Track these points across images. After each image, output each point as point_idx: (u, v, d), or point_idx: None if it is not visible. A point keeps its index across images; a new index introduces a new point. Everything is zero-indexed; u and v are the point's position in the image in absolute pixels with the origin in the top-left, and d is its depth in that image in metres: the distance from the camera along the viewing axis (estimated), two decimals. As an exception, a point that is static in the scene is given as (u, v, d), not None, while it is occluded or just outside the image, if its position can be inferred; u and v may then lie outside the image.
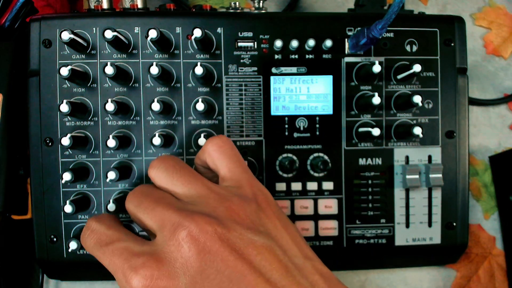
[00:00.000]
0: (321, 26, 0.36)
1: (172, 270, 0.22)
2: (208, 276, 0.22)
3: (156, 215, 0.24)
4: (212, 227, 0.23)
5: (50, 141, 0.35)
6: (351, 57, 0.37)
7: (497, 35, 0.47)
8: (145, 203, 0.25)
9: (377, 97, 0.34)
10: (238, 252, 0.22)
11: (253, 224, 0.24)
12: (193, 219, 0.23)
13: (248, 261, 0.22)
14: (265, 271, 0.22)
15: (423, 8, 0.47)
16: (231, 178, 0.27)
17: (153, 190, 0.27)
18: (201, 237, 0.22)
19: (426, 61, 0.37)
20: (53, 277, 0.38)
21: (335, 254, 0.37)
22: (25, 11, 0.37)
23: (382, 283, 0.42)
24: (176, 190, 0.26)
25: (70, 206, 0.32)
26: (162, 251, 0.23)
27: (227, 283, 0.21)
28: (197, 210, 0.24)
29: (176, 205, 0.24)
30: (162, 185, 0.27)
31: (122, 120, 0.35)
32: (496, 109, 0.46)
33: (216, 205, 0.24)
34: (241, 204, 0.25)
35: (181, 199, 0.26)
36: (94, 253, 0.25)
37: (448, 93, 0.37)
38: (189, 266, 0.22)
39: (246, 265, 0.22)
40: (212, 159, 0.28)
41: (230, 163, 0.27)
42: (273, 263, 0.23)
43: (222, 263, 0.22)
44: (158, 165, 0.27)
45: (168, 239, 0.23)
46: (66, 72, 0.31)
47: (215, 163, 0.28)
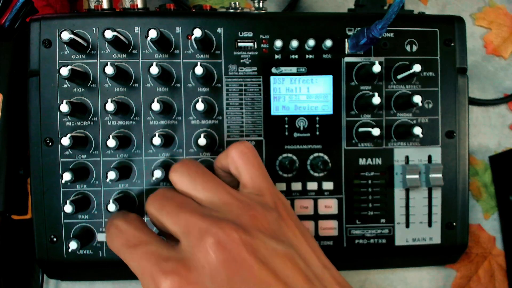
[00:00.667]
0: (321, 26, 0.36)
1: (200, 278, 0.22)
2: (234, 285, 0.22)
3: (181, 220, 0.24)
4: (238, 234, 0.22)
5: (50, 141, 0.35)
6: (351, 57, 0.37)
7: (497, 35, 0.47)
8: (168, 207, 0.25)
9: (377, 97, 0.34)
10: (263, 260, 0.22)
11: (275, 233, 0.24)
12: (220, 226, 0.23)
13: (272, 270, 0.22)
14: (288, 281, 0.22)
15: (423, 8, 0.47)
16: (253, 186, 0.27)
17: (175, 194, 0.26)
18: (228, 245, 0.22)
19: (426, 61, 0.37)
20: (53, 277, 0.38)
21: (335, 254, 0.37)
22: (25, 11, 0.37)
23: (382, 283, 0.42)
24: (199, 195, 0.26)
25: (70, 206, 0.32)
26: (190, 258, 0.23)
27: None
28: (222, 217, 0.24)
29: (201, 211, 0.24)
30: (183, 190, 0.26)
31: (122, 120, 0.35)
32: (496, 109, 0.46)
33: (240, 213, 0.24)
34: (264, 213, 0.25)
35: (204, 205, 0.25)
36: (121, 254, 0.25)
37: (448, 93, 0.37)
38: (216, 275, 0.22)
39: (271, 275, 0.22)
40: (235, 165, 0.28)
41: (253, 171, 0.27)
42: (295, 272, 0.23)
43: (248, 272, 0.22)
44: (181, 169, 0.27)
45: (195, 245, 0.23)
46: (66, 72, 0.31)
47: (238, 169, 0.28)
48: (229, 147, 0.28)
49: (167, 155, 0.35)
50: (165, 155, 0.35)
